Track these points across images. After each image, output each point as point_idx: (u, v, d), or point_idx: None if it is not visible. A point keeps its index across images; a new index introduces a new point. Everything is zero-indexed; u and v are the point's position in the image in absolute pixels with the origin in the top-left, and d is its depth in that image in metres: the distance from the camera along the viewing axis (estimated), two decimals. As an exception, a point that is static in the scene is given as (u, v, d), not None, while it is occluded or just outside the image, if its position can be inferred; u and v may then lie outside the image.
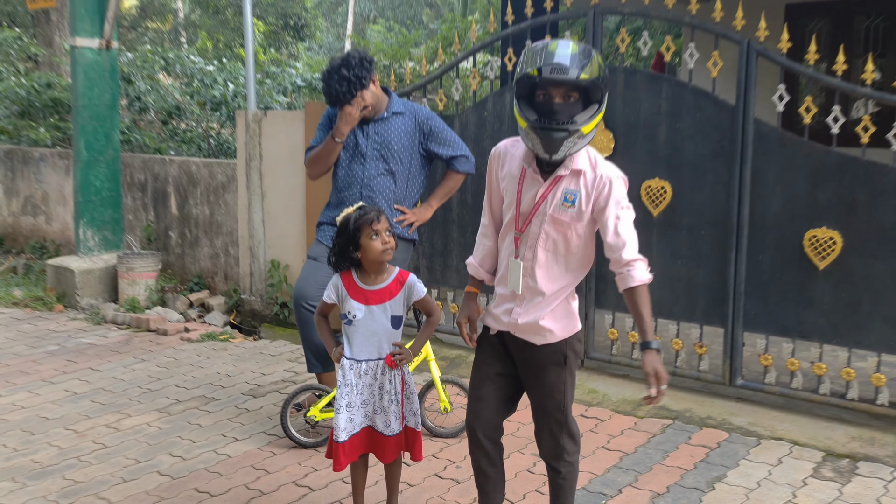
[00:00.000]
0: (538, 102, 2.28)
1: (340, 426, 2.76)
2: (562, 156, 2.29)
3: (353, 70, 3.48)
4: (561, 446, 2.53)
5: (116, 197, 6.55)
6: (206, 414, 4.10)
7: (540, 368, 2.47)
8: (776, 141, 3.87)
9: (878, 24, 6.98)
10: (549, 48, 2.25)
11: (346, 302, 2.75)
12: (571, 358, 2.49)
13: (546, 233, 2.39)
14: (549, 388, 2.47)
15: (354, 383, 2.77)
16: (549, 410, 2.50)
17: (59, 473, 3.41)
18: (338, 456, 2.76)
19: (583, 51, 2.25)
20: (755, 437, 3.72)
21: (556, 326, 2.44)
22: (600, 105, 2.31)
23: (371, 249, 2.67)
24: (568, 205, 2.35)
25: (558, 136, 2.24)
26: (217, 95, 7.94)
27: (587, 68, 2.22)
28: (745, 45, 3.89)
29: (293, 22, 15.51)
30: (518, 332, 2.47)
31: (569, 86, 2.24)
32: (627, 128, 4.26)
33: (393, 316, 2.76)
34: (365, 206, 2.74)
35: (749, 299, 3.98)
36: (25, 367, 4.85)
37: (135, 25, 16.34)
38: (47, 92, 8.65)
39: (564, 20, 4.58)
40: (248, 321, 5.95)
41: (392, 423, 2.78)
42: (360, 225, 2.66)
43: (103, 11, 6.19)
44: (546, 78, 2.22)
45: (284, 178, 5.64)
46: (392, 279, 2.76)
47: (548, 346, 2.45)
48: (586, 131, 2.28)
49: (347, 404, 2.77)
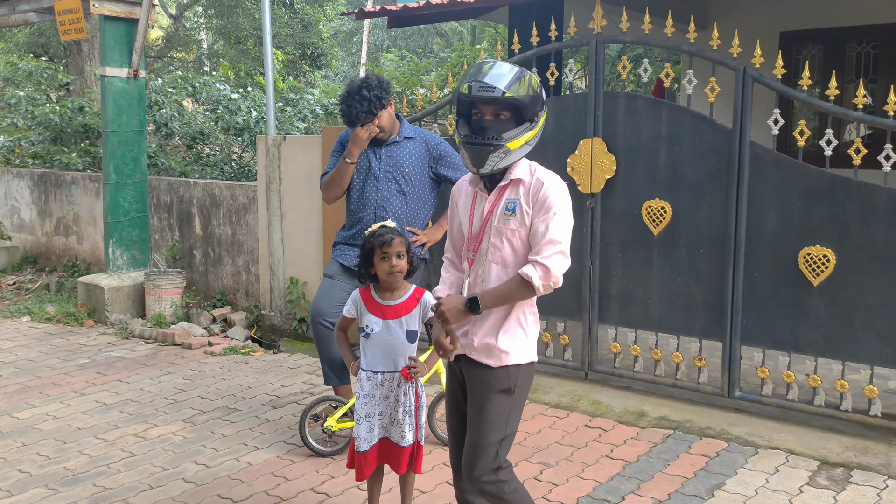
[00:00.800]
0: (473, 120, 2.34)
1: (362, 436, 2.86)
2: (488, 170, 2.32)
3: (374, 91, 3.62)
4: (491, 477, 2.37)
5: (144, 218, 6.72)
6: (228, 424, 4.22)
7: (486, 393, 2.37)
8: (771, 163, 3.96)
9: (869, 51, 7.08)
10: (483, 68, 2.32)
11: (364, 316, 2.88)
12: (519, 390, 2.40)
13: (493, 245, 2.38)
14: (489, 415, 2.35)
15: (372, 394, 2.88)
16: (488, 442, 2.35)
17: (90, 480, 3.52)
18: (360, 466, 2.86)
19: (513, 71, 2.30)
20: (753, 446, 3.79)
21: (510, 347, 2.37)
22: (532, 123, 2.34)
23: (380, 269, 2.82)
24: (509, 213, 2.35)
25: (484, 150, 2.29)
26: (240, 122, 8.17)
27: (514, 87, 2.26)
28: (741, 71, 3.99)
29: (310, 51, 15.82)
30: (473, 352, 2.41)
31: (498, 104, 2.29)
32: (629, 151, 4.37)
33: (409, 330, 2.87)
34: (385, 227, 2.87)
35: (746, 314, 4.06)
36: (58, 380, 4.99)
37: (161, 55, 16.76)
38: (78, 118, 8.85)
39: (568, 48, 4.71)
40: (268, 336, 6.07)
41: (407, 435, 2.87)
42: (373, 246, 2.81)
43: (131, 43, 6.42)
44: (475, 95, 2.27)
45: (302, 199, 5.78)
46: (408, 295, 2.89)
47: (499, 369, 2.37)
48: (513, 147, 2.31)
49: (367, 415, 2.87)
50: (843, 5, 6.83)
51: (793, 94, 3.95)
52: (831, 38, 7.10)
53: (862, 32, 6.96)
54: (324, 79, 17.73)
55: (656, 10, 4.58)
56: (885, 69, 6.94)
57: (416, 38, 26.73)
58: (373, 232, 2.85)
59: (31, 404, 4.56)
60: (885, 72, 6.92)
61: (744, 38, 4.14)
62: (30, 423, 4.25)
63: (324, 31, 16.80)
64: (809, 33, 7.15)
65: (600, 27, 4.44)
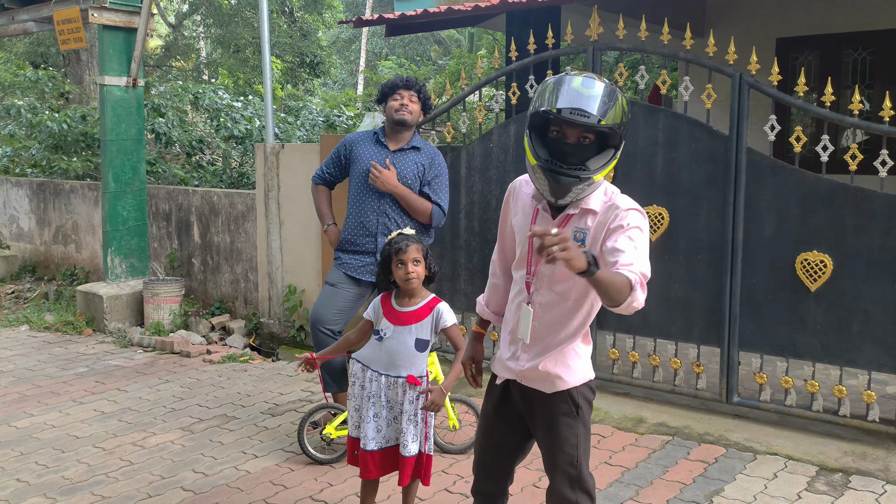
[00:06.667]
0: (550, 139, 2.09)
1: (369, 435, 2.87)
2: (568, 201, 2.10)
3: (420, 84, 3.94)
4: (572, 502, 2.24)
5: (142, 226, 6.73)
6: (227, 432, 4.22)
7: (550, 419, 2.25)
8: (768, 169, 3.97)
9: (865, 57, 7.11)
10: (573, 85, 2.03)
11: (380, 320, 2.95)
12: (584, 408, 2.27)
13: (555, 275, 2.19)
14: (560, 440, 2.23)
15: (378, 394, 2.89)
16: (560, 465, 2.24)
17: (88, 489, 3.51)
18: (366, 463, 2.86)
19: (608, 93, 2.04)
20: (751, 452, 3.79)
21: (565, 373, 2.24)
22: (616, 151, 2.10)
23: (397, 276, 2.89)
24: (577, 243, 2.02)
25: (567, 181, 2.05)
26: (242, 130, 8.19)
27: (610, 113, 2.01)
28: (737, 77, 4.01)
29: (309, 59, 15.88)
30: (525, 380, 2.28)
31: (587, 128, 2.05)
32: (626, 157, 4.36)
33: (418, 339, 2.89)
34: (402, 234, 2.94)
35: (744, 320, 4.07)
36: (56, 388, 4.99)
37: (160, 64, 16.81)
38: (80, 126, 8.87)
39: (565, 56, 4.73)
40: (267, 343, 6.08)
41: (409, 445, 2.85)
42: (390, 253, 2.89)
43: (130, 52, 6.45)
44: (566, 118, 2.02)
45: (301, 207, 5.79)
46: (424, 304, 2.93)
47: (557, 394, 2.24)
48: (597, 178, 2.08)
49: (374, 414, 2.89)
50: (840, 12, 6.87)
51: (789, 101, 3.97)
52: (828, 44, 7.13)
53: (858, 39, 7.00)
54: (323, 86, 17.78)
55: (653, 18, 4.60)
56: (881, 75, 6.97)
57: (414, 46, 26.84)
58: (391, 240, 2.92)
59: (30, 413, 4.56)
60: (881, 78, 6.96)
61: (740, 45, 4.16)
62: (28, 432, 4.25)
63: (322, 39, 16.86)
64: (806, 40, 7.18)
65: (597, 34, 4.46)
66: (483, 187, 4.92)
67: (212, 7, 16.22)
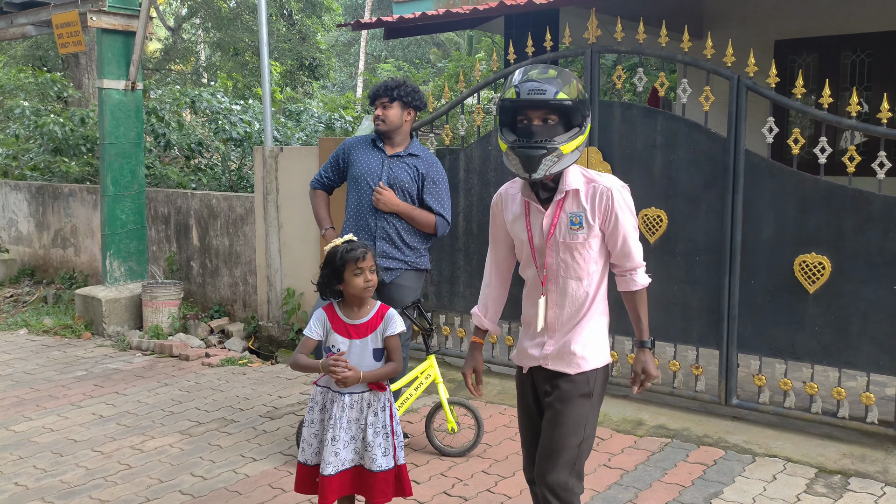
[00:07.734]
0: (519, 127, 2.26)
1: (327, 459, 2.65)
2: (541, 175, 2.23)
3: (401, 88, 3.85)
4: (566, 483, 2.33)
5: (141, 229, 6.74)
6: (225, 435, 4.22)
7: (566, 399, 2.35)
8: (766, 171, 3.98)
9: (863, 59, 7.12)
10: (529, 72, 2.25)
11: (330, 335, 2.72)
12: (597, 392, 2.39)
13: (564, 261, 2.35)
14: (572, 421, 2.33)
15: (338, 416, 2.68)
16: (566, 444, 2.33)
17: (87, 493, 3.51)
18: (324, 490, 2.63)
19: (561, 74, 2.23)
20: (750, 454, 3.80)
21: (587, 353, 2.37)
22: (581, 128, 2.27)
23: (353, 285, 2.68)
24: (576, 227, 2.31)
25: (536, 153, 2.20)
26: (241, 133, 8.19)
27: (565, 89, 2.20)
28: (735, 80, 4.01)
29: (308, 62, 15.89)
30: (550, 363, 2.40)
31: (548, 108, 2.21)
32: (624, 159, 4.39)
33: (374, 349, 2.72)
34: (354, 240, 2.74)
35: (742, 322, 4.07)
36: (55, 392, 4.99)
37: (158, 68, 16.82)
38: (80, 129, 8.87)
39: (563, 58, 4.75)
40: (266, 346, 6.08)
41: (379, 459, 2.67)
42: (346, 261, 2.67)
43: (129, 55, 6.46)
44: (525, 99, 2.19)
45: (300, 210, 5.80)
46: (374, 313, 2.74)
47: (579, 375, 2.36)
48: (566, 150, 2.23)
49: (332, 438, 2.67)
50: (837, 14, 6.88)
51: (787, 103, 3.98)
52: (825, 46, 7.14)
53: (856, 41, 7.01)
54: (322, 89, 17.80)
55: (651, 20, 4.62)
56: (879, 77, 6.98)
57: (413, 49, 26.92)
58: (342, 247, 2.70)
59: (28, 417, 4.56)
60: (879, 80, 6.96)
61: (738, 47, 4.16)
62: (26, 436, 4.24)
63: (321, 42, 16.87)
64: (803, 42, 7.19)
65: (595, 37, 4.47)
66: (481, 190, 4.92)
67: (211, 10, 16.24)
